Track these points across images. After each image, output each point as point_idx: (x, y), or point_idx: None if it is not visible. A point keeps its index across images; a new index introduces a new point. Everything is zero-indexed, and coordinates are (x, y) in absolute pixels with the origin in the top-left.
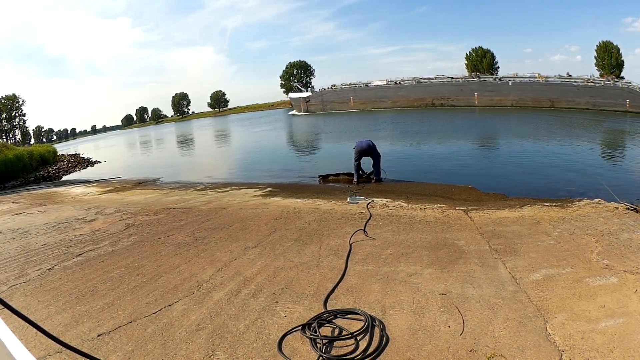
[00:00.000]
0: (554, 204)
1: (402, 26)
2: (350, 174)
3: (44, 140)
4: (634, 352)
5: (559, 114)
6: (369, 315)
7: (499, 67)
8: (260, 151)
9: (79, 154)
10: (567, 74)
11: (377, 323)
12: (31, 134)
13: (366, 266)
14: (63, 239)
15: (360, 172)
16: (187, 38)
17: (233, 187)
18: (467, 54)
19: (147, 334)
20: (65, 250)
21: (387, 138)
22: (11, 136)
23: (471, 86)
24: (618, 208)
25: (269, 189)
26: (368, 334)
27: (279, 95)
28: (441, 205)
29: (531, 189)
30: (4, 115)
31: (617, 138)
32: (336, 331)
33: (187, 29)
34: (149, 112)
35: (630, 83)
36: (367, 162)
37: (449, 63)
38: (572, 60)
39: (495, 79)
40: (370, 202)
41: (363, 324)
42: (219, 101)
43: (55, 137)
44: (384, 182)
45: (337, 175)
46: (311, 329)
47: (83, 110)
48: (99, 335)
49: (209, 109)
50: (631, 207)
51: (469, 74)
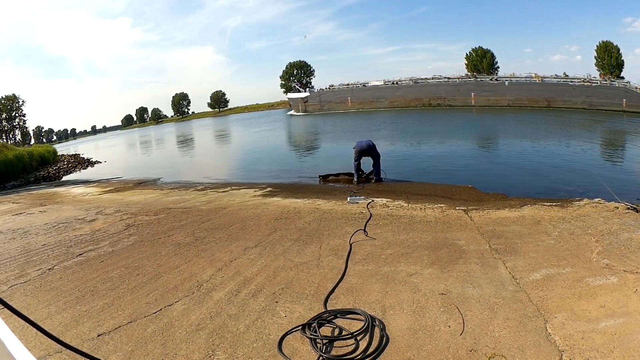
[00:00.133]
0: (554, 203)
1: (402, 26)
2: (350, 174)
3: (44, 140)
4: (634, 352)
5: (556, 113)
6: (369, 315)
7: (499, 67)
8: (260, 151)
9: (79, 154)
10: (564, 73)
11: (377, 323)
12: (31, 134)
13: (366, 266)
14: (63, 239)
15: (360, 172)
16: (187, 38)
17: (233, 187)
18: (467, 54)
19: (147, 334)
20: (66, 250)
21: (387, 138)
22: (11, 136)
23: (468, 86)
24: (618, 208)
25: (269, 189)
26: (368, 334)
27: (279, 95)
28: (441, 205)
29: (531, 189)
30: (4, 116)
31: (617, 138)
32: (336, 331)
33: (187, 29)
34: (149, 112)
35: (628, 83)
36: (367, 162)
37: (449, 63)
38: (572, 60)
39: (491, 79)
40: (370, 202)
41: (363, 324)
42: (219, 101)
43: (55, 138)
44: (384, 182)
45: (337, 175)
46: (311, 329)
47: (83, 111)
48: (99, 335)
49: (209, 109)
50: (631, 206)
51: (469, 74)
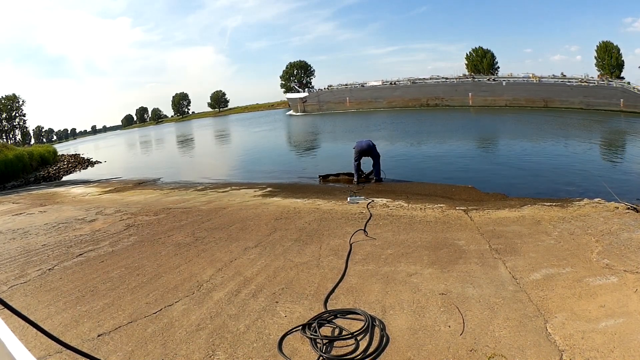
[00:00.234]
0: (554, 203)
1: (402, 26)
2: (350, 174)
3: (44, 140)
4: (634, 352)
5: (554, 113)
6: (369, 315)
7: (499, 67)
8: (260, 151)
9: (79, 154)
10: (562, 73)
11: (377, 323)
12: (31, 134)
13: (366, 266)
14: (63, 239)
15: (360, 172)
16: (187, 38)
17: (233, 187)
18: (467, 54)
19: (147, 334)
20: (66, 251)
21: (387, 138)
22: (11, 136)
23: (465, 86)
24: (618, 208)
25: (269, 189)
26: (368, 334)
27: (279, 95)
28: (441, 205)
29: (531, 189)
30: (4, 116)
31: (616, 138)
32: (336, 331)
33: (187, 29)
34: (149, 112)
35: (628, 83)
36: (367, 162)
37: (449, 63)
38: (572, 60)
39: (489, 79)
40: (370, 202)
41: (363, 324)
42: (219, 101)
43: (55, 137)
44: (384, 182)
45: (337, 175)
46: (311, 329)
47: (83, 111)
48: (99, 335)
49: (209, 109)
50: (631, 206)
51: (467, 74)
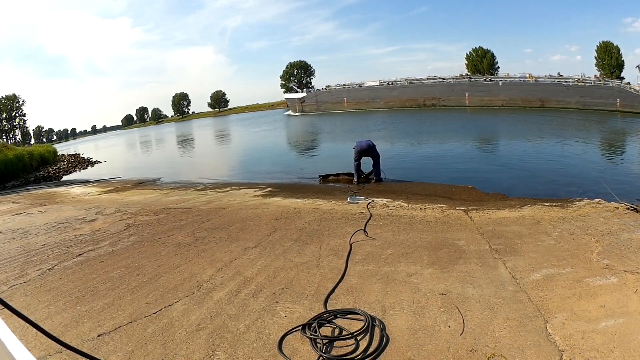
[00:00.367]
0: (554, 204)
1: (402, 26)
2: (350, 174)
3: (44, 140)
4: (634, 352)
5: (551, 113)
6: (369, 315)
7: (499, 67)
8: (260, 151)
9: (79, 154)
10: (558, 73)
11: (377, 323)
12: (31, 134)
13: (366, 266)
14: (63, 239)
15: (360, 172)
16: (187, 38)
17: (233, 187)
18: (467, 54)
19: (147, 334)
20: (66, 251)
21: (387, 138)
22: (11, 136)
23: (462, 86)
24: (618, 208)
25: (269, 189)
26: (368, 334)
27: (279, 95)
28: (441, 205)
29: (531, 189)
30: (4, 115)
31: (616, 138)
32: (336, 331)
33: (187, 29)
34: (149, 112)
35: (625, 83)
36: (367, 162)
37: (449, 63)
38: (572, 60)
39: (485, 80)
40: (370, 202)
41: (363, 324)
42: (219, 101)
43: (55, 137)
44: (384, 182)
45: (337, 175)
46: (311, 329)
47: (83, 110)
48: (99, 336)
49: (209, 109)
50: (631, 207)
51: (464, 74)
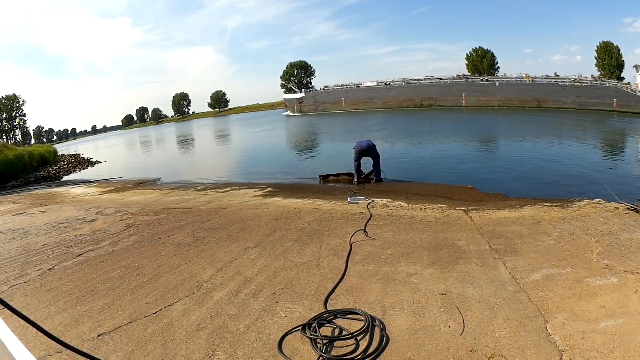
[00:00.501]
0: (554, 204)
1: (402, 26)
2: (350, 174)
3: (44, 140)
4: (634, 352)
5: (547, 113)
6: (369, 315)
7: (499, 67)
8: (260, 151)
9: (79, 154)
10: (555, 74)
11: (377, 323)
12: (31, 134)
13: (366, 266)
14: (63, 239)
15: (360, 172)
16: (187, 38)
17: (233, 187)
18: (467, 54)
19: (147, 334)
20: (66, 250)
21: (387, 138)
22: (11, 136)
23: (459, 87)
24: (618, 208)
25: (269, 189)
26: (368, 334)
27: (279, 95)
28: (441, 205)
29: (531, 189)
30: (4, 116)
31: (616, 138)
32: (336, 331)
33: (187, 29)
34: (149, 112)
35: (618, 83)
36: (367, 162)
37: (449, 63)
38: (572, 60)
39: (482, 80)
40: (370, 202)
41: (363, 324)
42: (219, 101)
43: (55, 137)
44: (384, 182)
45: (337, 175)
46: (311, 329)
47: (83, 110)
48: (99, 335)
49: (209, 109)
50: (631, 207)
51: (462, 74)
